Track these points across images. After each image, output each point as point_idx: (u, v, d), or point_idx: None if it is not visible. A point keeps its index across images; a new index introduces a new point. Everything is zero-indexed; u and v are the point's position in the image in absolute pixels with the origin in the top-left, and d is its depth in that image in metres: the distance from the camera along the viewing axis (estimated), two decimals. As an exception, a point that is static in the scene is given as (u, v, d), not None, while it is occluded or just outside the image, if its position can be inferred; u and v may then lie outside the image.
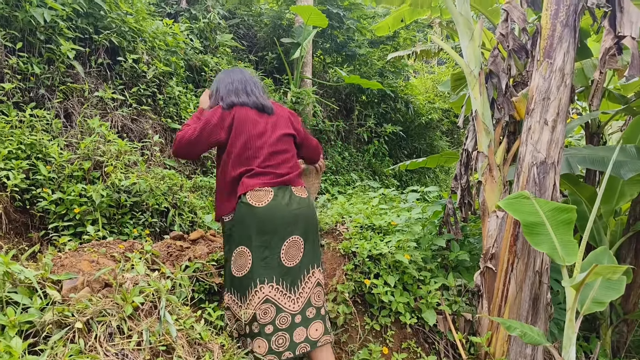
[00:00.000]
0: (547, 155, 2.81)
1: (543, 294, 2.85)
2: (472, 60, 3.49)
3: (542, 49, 2.90)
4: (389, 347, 3.00)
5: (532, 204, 2.49)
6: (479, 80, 3.45)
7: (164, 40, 5.73)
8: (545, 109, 2.83)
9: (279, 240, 2.40)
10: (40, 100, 4.38)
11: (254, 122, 2.57)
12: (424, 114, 10.61)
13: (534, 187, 2.82)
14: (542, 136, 2.83)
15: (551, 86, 2.82)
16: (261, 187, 2.44)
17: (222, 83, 2.77)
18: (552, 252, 2.35)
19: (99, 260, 2.25)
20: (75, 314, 1.81)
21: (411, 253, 3.29)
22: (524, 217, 2.44)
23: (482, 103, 3.43)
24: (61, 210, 3.47)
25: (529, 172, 2.85)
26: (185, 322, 2.06)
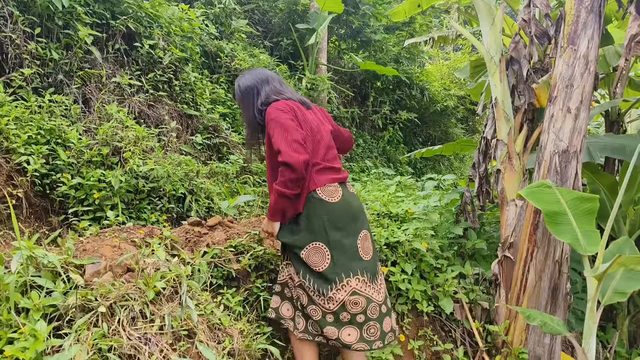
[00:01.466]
0: (569, 144, 2.77)
1: (562, 284, 2.82)
2: (493, 47, 3.44)
3: (566, 35, 2.85)
4: (405, 334, 3.00)
5: (554, 193, 2.46)
6: (499, 66, 3.40)
7: (180, 26, 5.72)
8: (568, 96, 2.78)
9: (354, 235, 2.42)
10: (58, 85, 4.40)
11: (306, 117, 2.53)
12: (439, 100, 10.52)
13: (555, 176, 2.78)
14: (565, 124, 2.78)
15: (575, 73, 2.77)
16: (331, 182, 2.45)
17: (258, 80, 2.67)
18: (574, 241, 2.33)
19: (120, 245, 2.27)
20: (98, 298, 1.83)
21: (428, 241, 3.28)
22: (546, 207, 2.41)
23: (502, 90, 3.39)
24: (80, 195, 3.50)
25: (551, 160, 2.81)
26: (205, 307, 2.08)
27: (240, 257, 2.83)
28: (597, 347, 3.49)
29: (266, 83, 2.65)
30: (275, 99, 2.54)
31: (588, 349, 2.35)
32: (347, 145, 2.97)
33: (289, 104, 2.49)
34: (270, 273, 2.87)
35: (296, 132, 2.33)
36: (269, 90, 2.61)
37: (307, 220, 2.38)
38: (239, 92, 2.73)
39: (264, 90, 2.62)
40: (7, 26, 4.16)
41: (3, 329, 1.75)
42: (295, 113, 2.46)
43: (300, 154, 2.26)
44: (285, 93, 2.59)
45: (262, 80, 2.66)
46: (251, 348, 2.15)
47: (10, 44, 4.12)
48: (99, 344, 1.70)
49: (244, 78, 2.72)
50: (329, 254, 2.34)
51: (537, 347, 2.83)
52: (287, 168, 2.25)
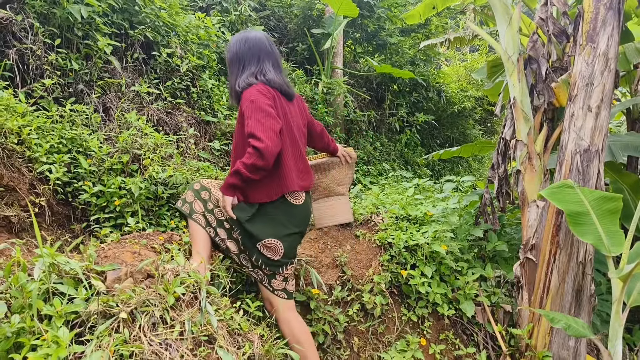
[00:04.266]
0: (590, 143, 2.72)
1: (586, 286, 2.77)
2: (511, 46, 3.40)
3: (585, 32, 2.80)
4: (426, 338, 2.98)
5: (576, 193, 2.42)
6: (517, 66, 3.36)
7: (197, 33, 5.78)
8: (588, 95, 2.74)
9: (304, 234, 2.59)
10: (79, 95, 4.47)
11: (286, 109, 2.49)
12: (456, 102, 10.44)
13: (577, 175, 2.74)
14: (586, 123, 2.74)
15: (595, 71, 2.73)
16: (300, 190, 2.52)
17: (249, 54, 2.50)
18: (597, 242, 2.28)
19: (140, 252, 2.29)
20: (119, 304, 1.84)
21: (448, 244, 3.24)
22: (568, 207, 2.37)
23: (520, 90, 3.35)
24: (102, 203, 3.55)
25: (572, 160, 2.77)
26: (225, 312, 2.08)
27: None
28: (623, 349, 3.42)
29: (256, 60, 2.49)
30: (258, 80, 2.45)
31: (614, 352, 2.30)
32: (317, 141, 2.98)
33: (270, 91, 2.41)
34: (289, 277, 2.87)
35: (275, 122, 2.28)
36: (255, 69, 2.48)
37: (272, 216, 2.45)
38: (228, 53, 2.61)
39: (251, 67, 2.49)
40: (28, 38, 4.24)
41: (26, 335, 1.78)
42: (275, 102, 2.40)
43: (275, 145, 2.23)
44: (271, 77, 2.46)
45: (254, 55, 2.50)
46: (271, 353, 2.15)
47: (31, 55, 4.20)
48: (120, 350, 1.71)
49: (238, 42, 2.55)
50: (282, 249, 2.48)
51: (562, 350, 2.78)
52: (257, 153, 2.20)
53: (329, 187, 3.45)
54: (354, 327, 2.89)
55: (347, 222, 3.54)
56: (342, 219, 3.51)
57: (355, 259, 3.14)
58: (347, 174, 3.51)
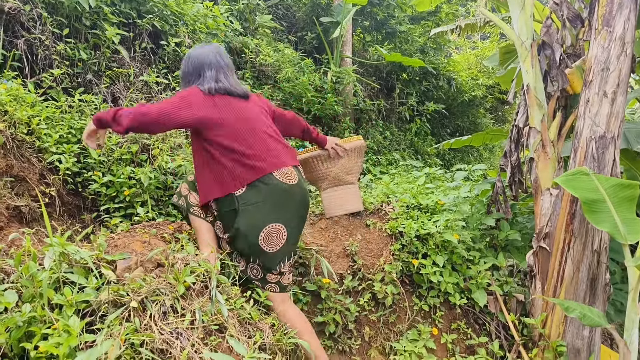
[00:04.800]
0: (606, 129, 2.66)
1: (601, 275, 2.73)
2: (524, 32, 3.33)
3: (601, 16, 2.74)
4: (438, 327, 2.95)
5: (591, 181, 2.37)
6: (530, 52, 3.30)
7: (205, 22, 5.74)
8: (604, 80, 2.68)
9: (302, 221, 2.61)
10: (88, 85, 4.47)
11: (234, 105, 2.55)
12: (467, 90, 10.33)
13: (592, 162, 2.69)
14: (601, 109, 2.68)
15: (610, 56, 2.66)
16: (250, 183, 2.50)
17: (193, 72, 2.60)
18: (613, 230, 2.24)
19: (150, 241, 2.28)
20: (130, 293, 1.83)
21: (460, 233, 3.21)
22: (584, 194, 2.32)
23: (534, 76, 3.28)
24: (112, 193, 3.55)
25: (587, 147, 2.71)
26: (235, 302, 2.07)
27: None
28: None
29: (197, 75, 2.58)
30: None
31: (630, 341, 2.26)
32: (293, 127, 3.00)
33: (196, 93, 2.45)
34: (300, 267, 2.85)
35: (186, 110, 2.34)
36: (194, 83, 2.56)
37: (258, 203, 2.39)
38: (180, 72, 2.71)
39: (192, 83, 2.57)
40: (37, 28, 4.23)
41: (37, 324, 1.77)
42: (207, 101, 2.43)
43: (167, 120, 2.30)
44: (209, 85, 2.50)
45: (195, 71, 2.59)
46: (282, 342, 2.13)
47: (39, 45, 4.20)
48: (131, 339, 1.71)
49: (184, 62, 2.66)
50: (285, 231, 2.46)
51: (576, 339, 2.74)
52: (153, 115, 2.28)
53: (338, 176, 3.42)
54: (365, 316, 2.88)
55: (357, 210, 3.52)
56: (351, 207, 3.49)
57: (366, 248, 3.12)
58: (357, 163, 3.49)
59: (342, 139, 3.35)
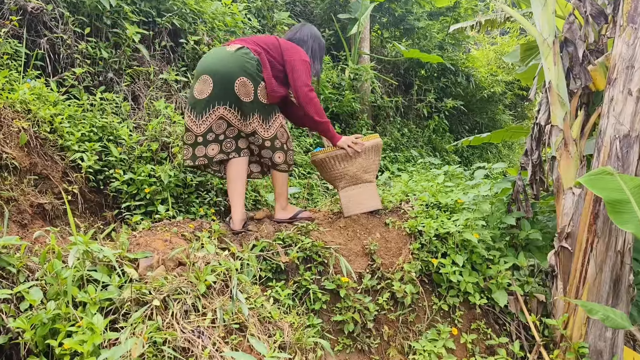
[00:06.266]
0: (631, 128, 2.61)
1: (625, 275, 2.68)
2: (546, 28, 3.29)
3: (626, 13, 2.68)
4: (457, 327, 2.94)
5: (615, 180, 2.33)
6: (553, 49, 3.25)
7: (223, 20, 5.76)
8: (629, 78, 2.63)
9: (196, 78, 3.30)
10: (109, 83, 4.51)
11: None
12: (486, 87, 10.21)
13: (616, 162, 2.64)
14: (626, 107, 2.63)
15: (636, 53, 2.61)
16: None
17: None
18: (638, 231, 2.20)
19: (171, 240, 2.30)
20: (152, 291, 1.86)
21: (479, 232, 3.18)
22: (608, 195, 2.28)
23: (556, 73, 3.24)
24: (132, 190, 3.58)
25: (611, 146, 2.67)
26: (255, 301, 2.08)
27: (289, 249, 2.83)
28: (662, 341, 3.32)
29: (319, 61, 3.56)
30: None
31: (655, 345, 2.23)
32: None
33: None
34: (319, 265, 2.86)
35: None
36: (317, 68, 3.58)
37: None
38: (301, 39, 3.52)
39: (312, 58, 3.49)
40: (59, 27, 4.29)
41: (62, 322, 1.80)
42: None
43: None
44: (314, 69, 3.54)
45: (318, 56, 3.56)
46: (302, 341, 2.14)
47: (62, 44, 4.26)
48: (154, 337, 1.73)
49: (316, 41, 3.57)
50: None
51: (599, 341, 2.70)
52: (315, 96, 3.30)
53: (356, 175, 3.44)
54: (384, 315, 2.87)
55: (375, 208, 3.52)
56: (370, 205, 3.50)
57: (384, 247, 3.11)
58: (374, 161, 3.50)
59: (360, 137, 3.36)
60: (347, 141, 3.36)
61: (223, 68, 3.12)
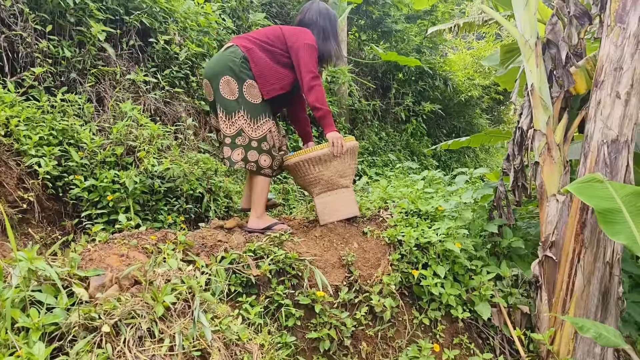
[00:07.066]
0: (619, 133, 2.50)
1: (614, 288, 2.56)
2: (528, 29, 3.17)
3: (614, 12, 2.57)
4: (439, 342, 2.78)
5: (606, 188, 2.21)
6: (535, 51, 3.14)
7: (196, 20, 5.55)
8: (617, 80, 2.51)
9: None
10: (71, 84, 4.27)
11: None
12: (463, 91, 10.19)
13: (603, 168, 2.52)
14: (614, 111, 2.51)
15: (624, 54, 2.50)
16: None
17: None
18: (630, 242, 2.07)
19: (128, 254, 2.09)
20: (102, 315, 1.65)
21: (462, 241, 3.04)
22: (598, 203, 2.15)
23: (539, 76, 3.12)
24: (94, 198, 3.36)
25: (598, 151, 2.55)
26: (221, 322, 1.89)
27: (260, 262, 2.64)
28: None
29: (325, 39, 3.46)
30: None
31: (648, 362, 2.10)
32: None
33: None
34: (292, 279, 2.68)
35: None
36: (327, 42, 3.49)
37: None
38: (312, 17, 3.49)
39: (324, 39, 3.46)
40: (18, 24, 4.03)
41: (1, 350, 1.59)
42: None
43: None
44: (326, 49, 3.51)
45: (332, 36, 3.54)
46: (273, 364, 1.96)
47: (21, 42, 4.00)
48: (102, 368, 1.53)
49: (328, 17, 3.52)
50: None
51: (587, 357, 2.57)
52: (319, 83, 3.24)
53: (331, 180, 3.27)
54: (361, 331, 2.70)
55: (352, 215, 3.35)
56: (347, 212, 3.33)
57: (362, 257, 2.95)
58: (350, 165, 3.34)
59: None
60: (338, 136, 3.20)
61: (212, 70, 3.20)
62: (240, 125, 3.13)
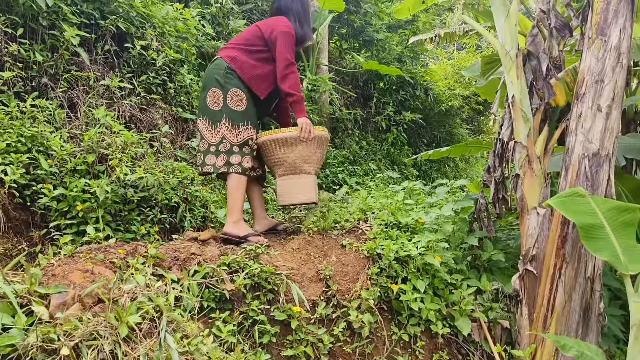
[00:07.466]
0: (600, 146, 2.48)
1: (595, 304, 2.53)
2: (508, 40, 3.15)
3: (595, 24, 2.56)
4: (418, 359, 2.71)
5: (588, 203, 2.17)
6: (516, 62, 3.12)
7: (175, 26, 5.44)
8: (598, 93, 2.49)
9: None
10: (43, 89, 4.13)
11: None
12: (443, 100, 10.22)
13: (584, 182, 2.49)
14: (595, 124, 2.49)
15: (605, 67, 2.48)
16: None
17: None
18: (613, 259, 2.03)
19: (94, 270, 1.98)
20: (61, 336, 1.55)
21: (442, 254, 2.99)
22: (580, 219, 2.12)
23: (519, 88, 3.10)
24: (63, 207, 3.24)
25: (579, 165, 2.52)
26: (190, 342, 1.79)
27: (235, 276, 2.55)
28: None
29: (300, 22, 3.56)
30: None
31: (630, 381, 2.06)
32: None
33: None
34: (268, 293, 2.59)
35: None
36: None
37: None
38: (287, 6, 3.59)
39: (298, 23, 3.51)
40: (-14, 27, 3.89)
41: (-50, 375, 1.48)
42: None
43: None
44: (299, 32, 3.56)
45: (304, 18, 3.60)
46: (245, 385, 1.87)
47: (-11, 45, 3.86)
48: (60, 394, 1.43)
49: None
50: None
51: (569, 375, 2.53)
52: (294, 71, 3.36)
53: (295, 164, 3.36)
54: (339, 347, 2.62)
55: (310, 201, 3.44)
56: (304, 198, 3.40)
57: (341, 271, 2.87)
58: (316, 153, 3.42)
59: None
60: (308, 122, 3.32)
61: (203, 83, 3.38)
62: (222, 133, 3.24)
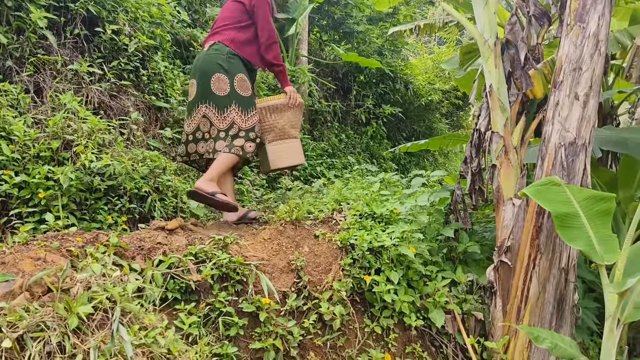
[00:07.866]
0: (577, 135, 2.43)
1: (569, 295, 2.49)
2: (487, 29, 3.09)
3: (573, 11, 2.51)
4: (391, 352, 2.65)
5: (563, 192, 2.12)
6: (494, 50, 3.06)
7: (148, 11, 5.28)
8: (576, 81, 2.45)
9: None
10: (7, 73, 3.96)
11: None
12: (423, 95, 10.19)
13: (561, 171, 2.45)
14: (572, 113, 2.45)
15: (583, 54, 2.44)
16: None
17: None
18: (588, 249, 1.99)
19: (46, 258, 1.87)
20: (4, 328, 1.44)
21: (416, 245, 2.93)
22: (555, 208, 2.07)
23: (497, 77, 3.05)
24: (25, 195, 3.10)
25: (556, 154, 2.48)
26: (148, 334, 1.69)
27: (202, 266, 2.45)
28: None
29: None
30: None
31: (604, 373, 2.02)
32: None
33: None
34: (236, 284, 2.49)
35: None
36: None
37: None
38: None
39: None
40: (-54, 6, 3.71)
41: None
42: None
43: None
44: None
45: None
46: (208, 380, 1.78)
47: (-51, 26, 3.68)
48: (0, 390, 1.32)
49: None
50: None
51: (542, 367, 2.50)
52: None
53: (284, 129, 3.59)
54: (309, 340, 2.54)
55: (299, 163, 3.73)
56: (295, 160, 3.66)
57: (313, 262, 2.79)
58: (299, 118, 3.79)
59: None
60: (294, 90, 3.65)
61: (200, 69, 3.42)
62: (232, 119, 3.34)
